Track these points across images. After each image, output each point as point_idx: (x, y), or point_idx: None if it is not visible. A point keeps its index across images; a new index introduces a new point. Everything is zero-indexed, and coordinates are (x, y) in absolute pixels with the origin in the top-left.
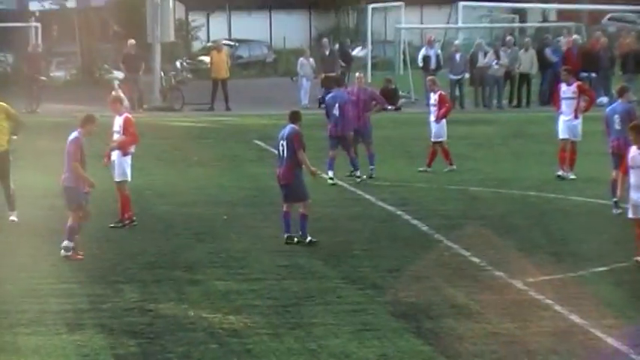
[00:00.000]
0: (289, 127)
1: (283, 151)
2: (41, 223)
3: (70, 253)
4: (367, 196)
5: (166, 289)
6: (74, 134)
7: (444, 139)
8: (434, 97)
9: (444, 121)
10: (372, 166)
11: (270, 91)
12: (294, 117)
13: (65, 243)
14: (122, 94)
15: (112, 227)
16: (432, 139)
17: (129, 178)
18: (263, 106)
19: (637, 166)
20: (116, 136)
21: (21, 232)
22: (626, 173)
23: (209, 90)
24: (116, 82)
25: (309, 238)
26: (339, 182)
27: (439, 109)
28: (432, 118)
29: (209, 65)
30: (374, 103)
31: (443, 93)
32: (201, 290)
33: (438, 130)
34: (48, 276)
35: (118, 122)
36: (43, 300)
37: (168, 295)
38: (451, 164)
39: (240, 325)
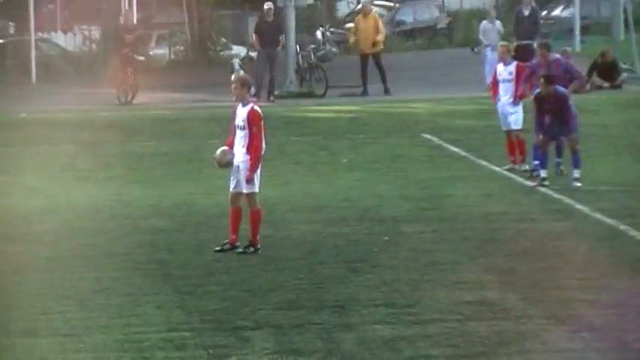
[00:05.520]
0: None
1: None
2: (140, 252)
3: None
4: (578, 206)
5: (310, 337)
6: None
7: None
8: None
9: None
10: (576, 171)
11: (443, 67)
12: None
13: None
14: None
15: (239, 253)
16: None
17: (257, 190)
18: (434, 87)
19: None
20: (239, 133)
21: (114, 265)
22: None
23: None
24: (236, 62)
25: None
26: (535, 185)
27: None
28: None
29: (352, 35)
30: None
31: None
32: (356, 338)
33: None
34: (151, 322)
35: (242, 115)
36: (147, 354)
37: (312, 344)
38: None
39: None
